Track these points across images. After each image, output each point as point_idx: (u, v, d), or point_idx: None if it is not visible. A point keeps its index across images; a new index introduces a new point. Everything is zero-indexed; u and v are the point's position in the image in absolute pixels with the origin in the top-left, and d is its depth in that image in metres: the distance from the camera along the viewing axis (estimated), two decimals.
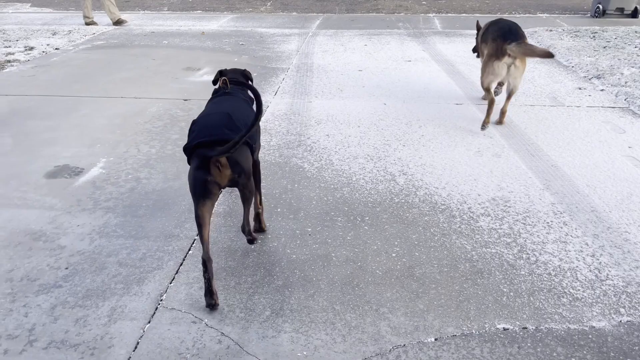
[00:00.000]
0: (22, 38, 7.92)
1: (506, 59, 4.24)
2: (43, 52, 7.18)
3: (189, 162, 2.48)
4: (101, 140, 4.33)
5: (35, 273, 2.67)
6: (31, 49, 7.30)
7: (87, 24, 9.04)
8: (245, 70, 3.17)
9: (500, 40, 4.26)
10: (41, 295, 2.52)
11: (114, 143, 4.28)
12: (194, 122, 2.57)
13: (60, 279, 2.63)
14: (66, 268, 2.72)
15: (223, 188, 2.46)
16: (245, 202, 2.59)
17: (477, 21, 5.24)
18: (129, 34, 8.44)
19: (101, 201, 3.38)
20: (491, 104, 4.49)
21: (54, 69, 6.40)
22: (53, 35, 8.14)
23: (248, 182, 2.51)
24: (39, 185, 3.58)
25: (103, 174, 3.76)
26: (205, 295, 2.44)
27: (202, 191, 2.37)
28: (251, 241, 2.69)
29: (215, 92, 3.03)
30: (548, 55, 4.17)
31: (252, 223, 2.91)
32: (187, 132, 2.58)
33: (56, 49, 7.38)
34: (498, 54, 4.25)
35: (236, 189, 2.61)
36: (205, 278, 2.42)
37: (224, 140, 2.31)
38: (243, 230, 2.64)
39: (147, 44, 7.74)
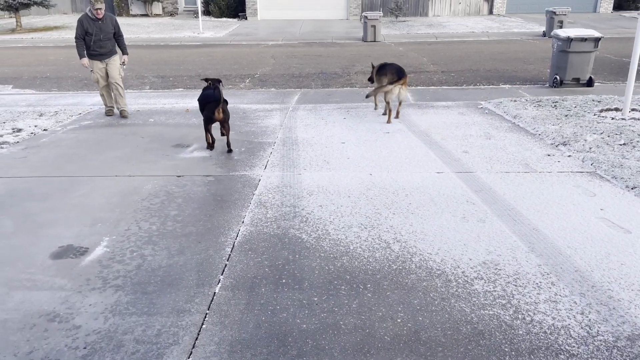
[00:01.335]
0: (8, 120, 8.07)
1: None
2: (32, 133, 7.34)
3: (201, 110, 6.36)
4: (102, 219, 4.45)
5: (55, 354, 2.73)
6: (19, 130, 7.45)
7: (107, 112, 8.45)
8: (218, 78, 6.41)
9: (396, 75, 7.51)
10: None
11: (114, 221, 4.40)
12: (204, 95, 6.31)
13: (80, 358, 2.69)
14: (84, 347, 2.78)
15: (217, 121, 6.15)
16: (226, 132, 6.31)
17: (372, 63, 8.66)
18: (115, 113, 8.69)
19: (110, 279, 3.48)
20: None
21: (44, 150, 6.54)
22: (40, 116, 8.32)
23: (227, 122, 6.25)
24: (45, 267, 3.66)
25: (108, 252, 3.86)
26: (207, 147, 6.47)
27: (210, 121, 6.20)
28: (230, 151, 6.36)
29: (205, 88, 6.38)
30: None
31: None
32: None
33: (44, 130, 7.55)
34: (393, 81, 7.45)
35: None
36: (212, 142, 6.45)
37: (219, 100, 6.03)
38: (228, 146, 6.37)
39: (134, 123, 7.99)
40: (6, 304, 3.21)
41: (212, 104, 6.07)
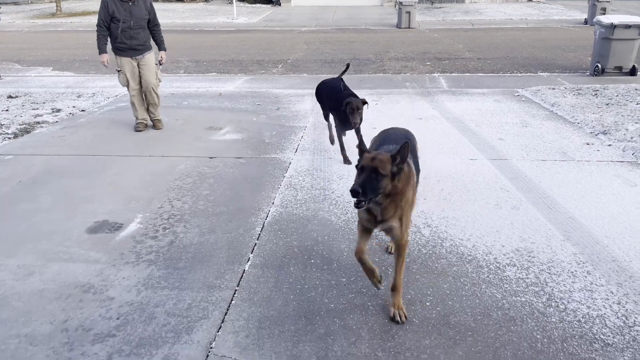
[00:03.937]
0: (48, 101, 8.29)
1: None
2: (70, 113, 7.53)
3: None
4: (135, 197, 4.54)
5: (89, 323, 2.81)
6: (58, 111, 7.65)
7: (137, 127, 6.64)
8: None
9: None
10: (97, 344, 2.64)
11: (147, 199, 4.48)
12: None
13: (113, 328, 2.77)
14: (117, 318, 2.85)
15: None
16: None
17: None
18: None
19: (143, 254, 3.55)
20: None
21: (82, 130, 6.70)
22: (78, 97, 8.52)
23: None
24: (81, 240, 3.76)
25: (141, 228, 3.94)
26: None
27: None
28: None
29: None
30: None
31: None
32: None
33: (82, 110, 7.73)
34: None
35: None
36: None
37: None
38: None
39: (168, 105, 8.08)
40: (43, 275, 3.31)
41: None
